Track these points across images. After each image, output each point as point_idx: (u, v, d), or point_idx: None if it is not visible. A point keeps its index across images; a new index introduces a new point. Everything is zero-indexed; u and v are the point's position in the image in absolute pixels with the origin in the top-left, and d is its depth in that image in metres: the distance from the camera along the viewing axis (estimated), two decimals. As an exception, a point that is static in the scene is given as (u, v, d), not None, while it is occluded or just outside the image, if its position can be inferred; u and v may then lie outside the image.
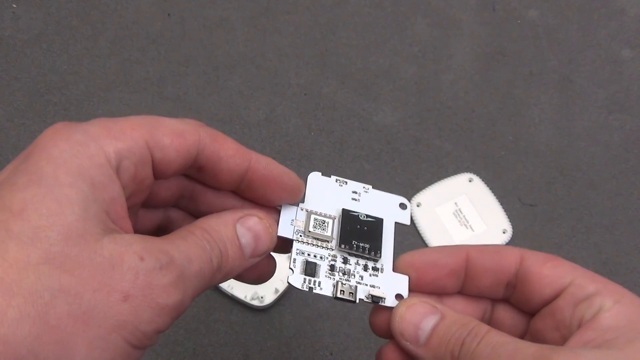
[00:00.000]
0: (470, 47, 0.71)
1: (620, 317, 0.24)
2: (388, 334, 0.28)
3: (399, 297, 0.29)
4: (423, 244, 0.60)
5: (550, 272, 0.27)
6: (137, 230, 0.25)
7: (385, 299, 0.28)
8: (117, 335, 0.21)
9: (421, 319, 0.26)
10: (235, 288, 0.55)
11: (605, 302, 0.25)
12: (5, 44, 0.68)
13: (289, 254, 0.28)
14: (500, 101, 0.68)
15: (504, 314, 0.30)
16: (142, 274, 0.21)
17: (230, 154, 0.26)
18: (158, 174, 0.25)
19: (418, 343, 0.26)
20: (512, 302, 0.29)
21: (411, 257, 0.29)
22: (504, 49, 0.71)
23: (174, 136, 0.25)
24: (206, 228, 0.25)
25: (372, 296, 0.28)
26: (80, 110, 0.64)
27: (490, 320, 0.30)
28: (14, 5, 0.71)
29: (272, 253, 0.29)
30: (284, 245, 0.29)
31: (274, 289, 0.55)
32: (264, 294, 0.55)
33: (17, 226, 0.20)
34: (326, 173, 0.32)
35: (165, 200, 0.28)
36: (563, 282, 0.26)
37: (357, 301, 0.28)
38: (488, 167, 0.64)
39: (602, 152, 0.66)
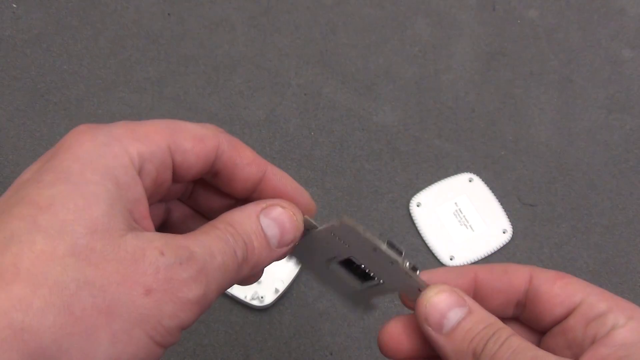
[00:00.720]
0: (470, 47, 0.71)
1: (634, 334, 0.24)
2: (399, 353, 0.28)
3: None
4: (423, 243, 0.60)
5: (560, 291, 0.27)
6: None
7: (420, 269, 0.28)
8: (140, 330, 0.21)
9: (449, 308, 0.26)
10: (235, 288, 0.55)
11: (618, 319, 0.25)
12: (5, 44, 0.68)
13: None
14: (500, 101, 0.68)
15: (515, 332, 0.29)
16: (163, 268, 0.22)
17: (246, 162, 0.27)
18: (177, 177, 0.26)
19: (441, 331, 0.26)
20: (522, 320, 0.29)
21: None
22: (504, 49, 0.71)
23: (195, 141, 0.25)
24: (230, 221, 0.25)
25: (413, 265, 0.28)
26: (80, 110, 0.64)
27: None
28: (14, 5, 0.71)
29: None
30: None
31: (274, 289, 0.55)
32: (264, 294, 0.55)
33: (44, 220, 0.20)
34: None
35: (170, 197, 0.29)
36: (574, 300, 0.26)
37: (403, 255, 0.27)
38: (488, 167, 0.64)
39: (602, 152, 0.66)
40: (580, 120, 0.67)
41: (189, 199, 0.30)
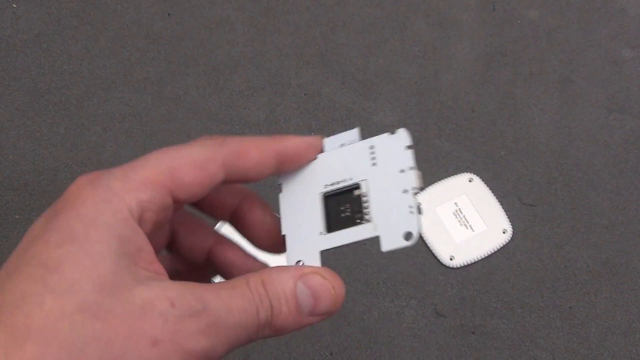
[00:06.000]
0: (470, 47, 0.71)
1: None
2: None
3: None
4: (423, 243, 0.60)
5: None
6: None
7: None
8: None
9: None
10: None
11: None
12: (5, 44, 0.68)
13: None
14: (500, 101, 0.68)
15: None
16: (171, 319, 0.22)
17: (255, 161, 0.27)
18: (185, 203, 0.26)
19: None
20: None
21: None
22: (504, 49, 0.71)
23: (195, 172, 0.25)
24: (265, 280, 0.25)
25: (419, 205, 0.27)
26: (80, 110, 0.64)
27: None
28: (14, 5, 0.71)
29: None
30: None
31: (274, 289, 0.55)
32: (264, 294, 0.55)
33: (53, 280, 0.21)
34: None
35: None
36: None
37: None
38: (488, 167, 0.64)
39: (602, 152, 0.66)
40: (580, 120, 0.67)
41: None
